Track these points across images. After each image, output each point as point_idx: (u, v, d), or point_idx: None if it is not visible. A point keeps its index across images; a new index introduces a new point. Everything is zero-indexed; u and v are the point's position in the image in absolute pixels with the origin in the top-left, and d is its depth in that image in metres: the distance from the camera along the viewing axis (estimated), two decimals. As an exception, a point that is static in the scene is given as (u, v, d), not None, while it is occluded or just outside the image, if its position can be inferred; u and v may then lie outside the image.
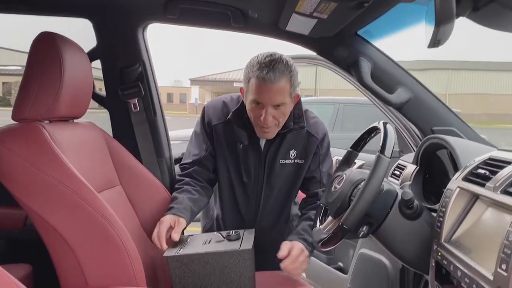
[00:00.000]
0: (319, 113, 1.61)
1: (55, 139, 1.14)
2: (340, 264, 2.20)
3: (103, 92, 1.65)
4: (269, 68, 1.32)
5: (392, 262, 1.82)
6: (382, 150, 1.07)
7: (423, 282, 1.72)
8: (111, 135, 1.56)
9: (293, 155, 1.54)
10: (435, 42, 0.85)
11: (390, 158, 1.07)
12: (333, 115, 5.66)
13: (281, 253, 1.36)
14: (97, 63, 1.60)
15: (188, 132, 1.89)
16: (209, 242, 1.29)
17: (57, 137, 1.16)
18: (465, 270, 0.80)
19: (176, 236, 1.28)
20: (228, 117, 1.50)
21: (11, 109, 1.18)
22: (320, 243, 1.20)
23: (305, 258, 1.39)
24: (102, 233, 1.04)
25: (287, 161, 1.53)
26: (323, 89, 23.02)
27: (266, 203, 1.58)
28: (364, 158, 2.20)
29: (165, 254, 1.21)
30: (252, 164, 1.53)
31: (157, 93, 1.65)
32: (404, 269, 1.78)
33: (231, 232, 1.33)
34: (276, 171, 1.53)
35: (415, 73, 1.59)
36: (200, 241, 1.31)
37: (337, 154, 2.37)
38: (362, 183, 1.17)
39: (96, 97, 1.61)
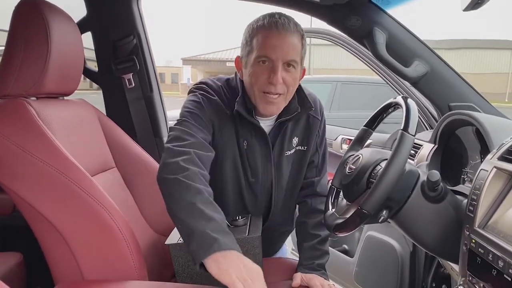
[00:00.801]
0: (316, 92, 1.45)
1: (43, 117, 1.03)
2: (345, 246, 2.13)
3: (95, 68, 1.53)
4: (280, 16, 1.16)
5: (401, 245, 1.75)
6: (406, 127, 0.96)
7: (434, 265, 1.66)
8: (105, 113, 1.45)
9: (295, 142, 1.36)
10: (476, 3, 0.74)
11: (415, 135, 0.98)
12: (330, 94, 5.56)
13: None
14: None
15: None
16: None
17: (45, 115, 1.05)
18: (509, 259, 0.72)
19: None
20: (235, 109, 1.23)
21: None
22: (334, 229, 1.11)
23: (325, 282, 1.27)
24: (97, 220, 0.94)
25: (291, 152, 1.36)
26: (316, 69, 22.78)
27: (277, 201, 1.40)
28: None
29: (167, 242, 1.11)
30: (259, 161, 1.32)
31: (154, 68, 1.53)
32: (414, 252, 1.71)
33: (237, 217, 1.23)
34: (283, 165, 1.36)
35: (443, 51, 1.48)
36: None
37: (341, 133, 2.27)
38: (382, 164, 1.08)
39: (87, 72, 1.49)
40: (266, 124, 1.30)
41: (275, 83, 1.17)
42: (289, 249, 2.28)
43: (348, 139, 2.22)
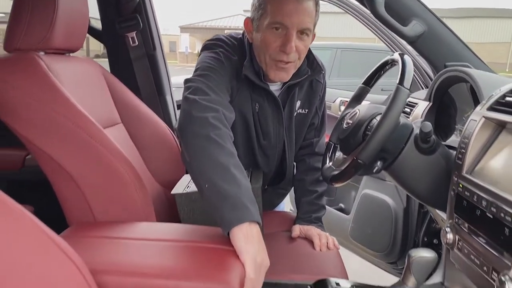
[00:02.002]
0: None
1: (53, 71, 1.07)
2: (341, 205, 2.21)
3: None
4: None
5: (396, 201, 1.82)
6: (401, 81, 1.01)
7: (427, 220, 1.73)
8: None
9: (298, 105, 1.39)
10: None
11: (409, 89, 1.02)
12: (330, 61, 5.54)
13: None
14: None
15: (181, 79, 1.76)
16: None
17: (54, 69, 1.09)
18: (491, 199, 0.78)
19: None
20: (243, 73, 1.23)
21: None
22: (331, 180, 1.17)
23: (322, 233, 1.34)
24: (108, 168, 1.00)
25: (295, 114, 1.39)
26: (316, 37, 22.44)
27: (284, 160, 1.44)
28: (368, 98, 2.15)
29: (172, 192, 1.18)
30: (270, 124, 1.34)
31: (156, 26, 1.56)
32: (408, 209, 1.78)
33: None
34: (291, 127, 1.40)
35: (451, 20, 1.49)
36: None
37: (340, 96, 2.32)
38: (378, 117, 1.13)
39: (92, 31, 1.52)
40: (275, 88, 1.33)
41: (289, 51, 1.16)
42: (287, 210, 2.37)
43: (347, 101, 2.25)
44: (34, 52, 1.08)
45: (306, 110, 1.41)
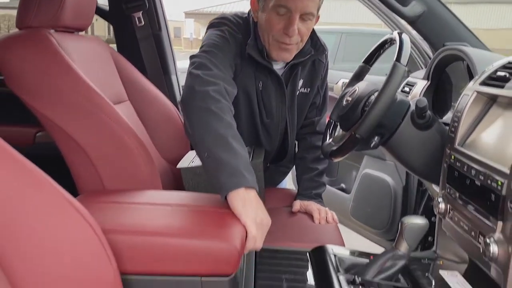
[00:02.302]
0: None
1: (63, 48, 1.11)
2: (343, 185, 2.25)
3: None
4: None
5: (395, 180, 1.86)
6: (398, 57, 1.05)
7: (425, 198, 1.78)
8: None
9: (300, 84, 1.43)
10: None
11: (406, 66, 1.06)
12: (335, 45, 5.53)
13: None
14: None
15: (185, 64, 1.79)
16: None
17: (64, 46, 1.13)
18: (480, 168, 0.82)
19: None
20: (246, 51, 1.26)
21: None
22: (330, 155, 1.21)
23: (322, 208, 1.39)
24: (117, 139, 1.05)
25: (297, 93, 1.43)
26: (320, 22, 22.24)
27: (292, 140, 1.50)
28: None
29: (178, 166, 1.23)
30: (273, 103, 1.38)
31: (162, 7, 1.59)
32: (407, 187, 1.83)
33: None
34: (294, 106, 1.44)
35: (453, 6, 1.52)
36: None
37: (342, 77, 2.34)
38: (376, 94, 1.17)
39: (99, 11, 1.56)
40: (278, 67, 1.36)
41: (291, 35, 1.19)
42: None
43: (348, 82, 2.29)
44: (45, 29, 1.12)
45: (308, 89, 1.45)
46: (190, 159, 1.27)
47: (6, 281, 0.62)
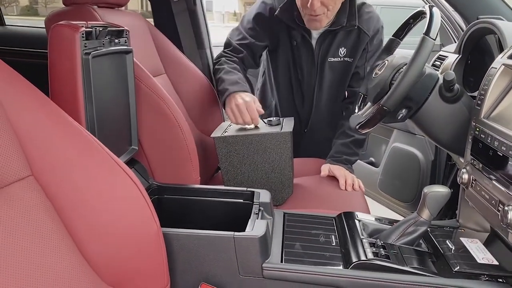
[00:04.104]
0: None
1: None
2: (372, 159, 2.28)
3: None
4: None
5: (424, 154, 1.88)
6: (428, 31, 1.06)
7: (453, 172, 1.79)
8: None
9: (342, 53, 1.52)
10: None
11: (435, 39, 1.08)
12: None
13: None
14: None
15: (217, 39, 1.90)
16: (253, 127, 1.36)
17: (107, 20, 1.20)
18: (503, 139, 0.85)
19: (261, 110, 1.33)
20: (276, 13, 1.45)
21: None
22: (358, 126, 1.25)
23: (350, 174, 1.44)
24: (158, 110, 1.12)
25: (335, 59, 1.52)
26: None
27: (318, 101, 1.60)
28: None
29: (212, 135, 1.29)
30: (304, 63, 1.52)
31: (197, -18, 1.64)
32: (436, 161, 1.85)
33: (272, 118, 1.39)
34: (326, 70, 1.53)
35: None
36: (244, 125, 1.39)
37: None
38: (405, 66, 1.19)
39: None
40: (315, 33, 1.48)
41: (310, 8, 1.32)
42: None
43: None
44: (89, 5, 1.19)
45: (352, 59, 1.52)
46: (223, 129, 1.34)
47: (66, 232, 0.71)
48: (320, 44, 1.48)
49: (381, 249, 0.89)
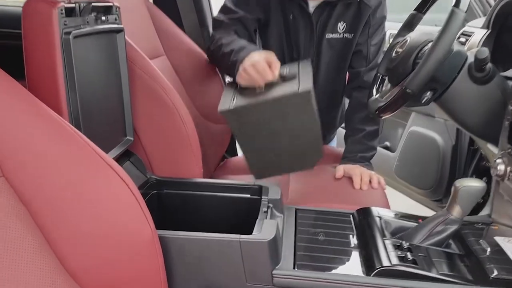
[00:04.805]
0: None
1: None
2: (387, 143, 2.16)
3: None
4: None
5: (444, 138, 1.76)
6: (457, 2, 0.93)
7: (476, 158, 1.67)
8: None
9: (341, 28, 1.35)
10: None
11: (466, 12, 0.95)
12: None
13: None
14: None
15: None
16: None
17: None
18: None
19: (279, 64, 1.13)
20: None
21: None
22: (378, 112, 1.14)
23: (366, 171, 1.29)
24: (155, 96, 1.01)
25: (334, 35, 1.36)
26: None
27: (315, 83, 1.44)
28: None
29: (219, 109, 1.09)
30: (302, 39, 1.36)
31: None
32: (457, 146, 1.73)
33: (285, 69, 1.15)
34: (324, 48, 1.37)
35: None
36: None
37: (389, 28, 2.19)
38: (430, 44, 1.07)
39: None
40: (313, 3, 1.32)
41: None
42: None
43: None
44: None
45: (352, 35, 1.36)
46: (230, 100, 1.13)
47: (44, 241, 0.61)
48: (317, 18, 1.33)
49: (408, 252, 0.79)
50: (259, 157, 1.16)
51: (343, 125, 1.66)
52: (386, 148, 2.14)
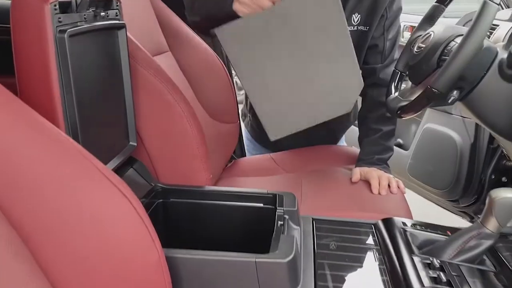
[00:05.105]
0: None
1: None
2: (400, 140, 2.08)
3: None
4: None
5: (462, 136, 1.68)
6: (490, -6, 0.85)
7: (496, 157, 1.60)
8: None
9: (356, 20, 1.25)
10: None
11: (499, 4, 0.87)
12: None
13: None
14: None
15: None
16: None
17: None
18: None
19: None
20: None
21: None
22: (399, 112, 1.06)
23: (384, 175, 1.21)
24: (159, 97, 0.93)
25: (349, 28, 1.19)
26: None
27: None
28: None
29: (215, 30, 0.90)
30: None
31: None
32: (475, 144, 1.64)
33: None
34: None
35: None
36: None
37: (403, 19, 2.09)
38: (458, 39, 0.99)
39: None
40: None
41: None
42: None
43: (412, 26, 2.05)
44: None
45: (367, 28, 1.26)
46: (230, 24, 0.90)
47: (37, 268, 0.54)
48: None
49: (440, 272, 0.71)
50: (273, 100, 0.91)
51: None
52: (399, 145, 2.06)
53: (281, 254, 0.68)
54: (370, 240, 0.85)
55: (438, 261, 0.74)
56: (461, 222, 1.86)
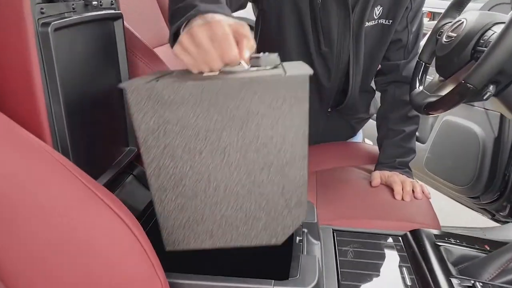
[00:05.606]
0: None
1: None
2: (416, 133, 1.98)
3: None
4: None
5: (485, 130, 1.58)
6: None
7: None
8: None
9: (377, 13, 1.13)
10: None
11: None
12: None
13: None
14: None
15: None
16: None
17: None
18: None
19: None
20: None
21: None
22: (426, 108, 0.96)
23: (408, 180, 1.11)
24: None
25: (370, 23, 1.13)
26: None
27: (355, 79, 1.20)
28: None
29: (123, 85, 0.55)
30: (334, 27, 1.11)
31: None
32: (499, 139, 1.54)
33: (259, 55, 0.59)
34: (362, 37, 1.14)
35: None
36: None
37: (429, 5, 1.95)
38: (495, 28, 0.88)
39: None
40: None
41: None
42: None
43: (430, 12, 1.93)
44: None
45: (390, 21, 1.14)
46: (152, 77, 0.60)
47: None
48: (354, 2, 1.09)
49: (483, 298, 0.62)
50: (183, 203, 0.60)
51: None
52: (416, 139, 1.96)
53: (302, 280, 0.59)
54: (398, 256, 0.76)
55: (480, 284, 0.65)
56: (482, 220, 1.77)
